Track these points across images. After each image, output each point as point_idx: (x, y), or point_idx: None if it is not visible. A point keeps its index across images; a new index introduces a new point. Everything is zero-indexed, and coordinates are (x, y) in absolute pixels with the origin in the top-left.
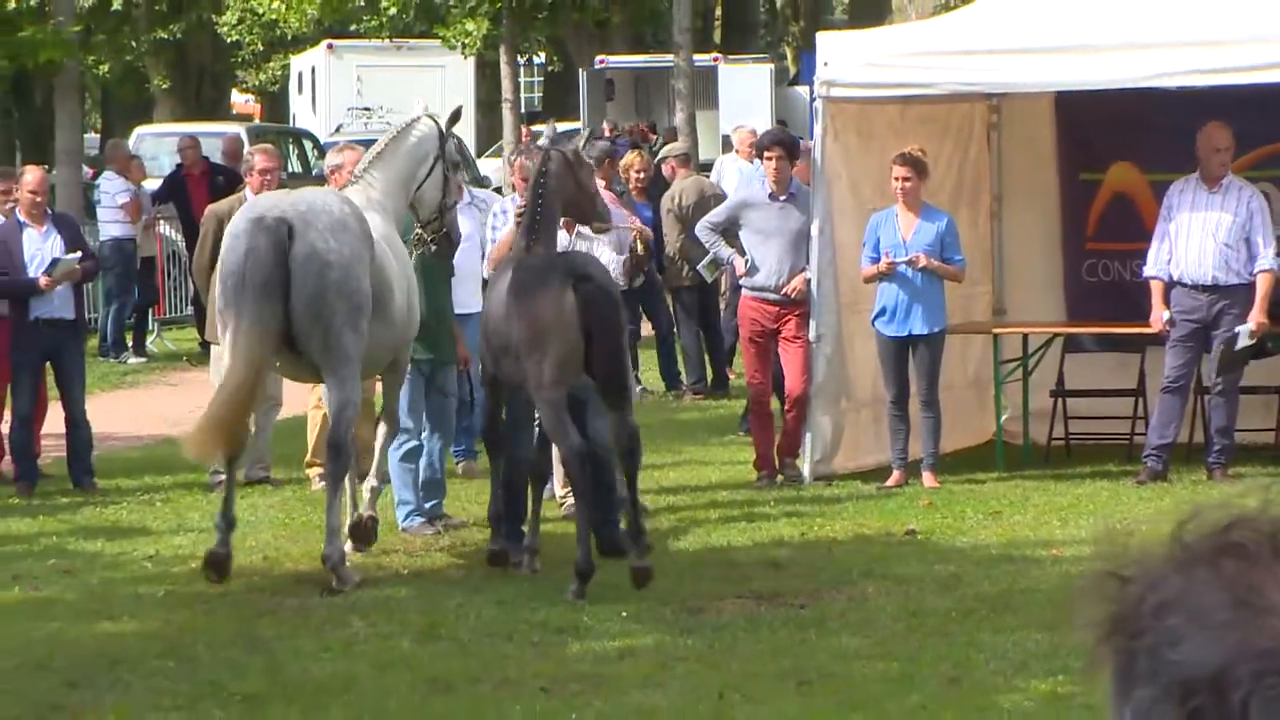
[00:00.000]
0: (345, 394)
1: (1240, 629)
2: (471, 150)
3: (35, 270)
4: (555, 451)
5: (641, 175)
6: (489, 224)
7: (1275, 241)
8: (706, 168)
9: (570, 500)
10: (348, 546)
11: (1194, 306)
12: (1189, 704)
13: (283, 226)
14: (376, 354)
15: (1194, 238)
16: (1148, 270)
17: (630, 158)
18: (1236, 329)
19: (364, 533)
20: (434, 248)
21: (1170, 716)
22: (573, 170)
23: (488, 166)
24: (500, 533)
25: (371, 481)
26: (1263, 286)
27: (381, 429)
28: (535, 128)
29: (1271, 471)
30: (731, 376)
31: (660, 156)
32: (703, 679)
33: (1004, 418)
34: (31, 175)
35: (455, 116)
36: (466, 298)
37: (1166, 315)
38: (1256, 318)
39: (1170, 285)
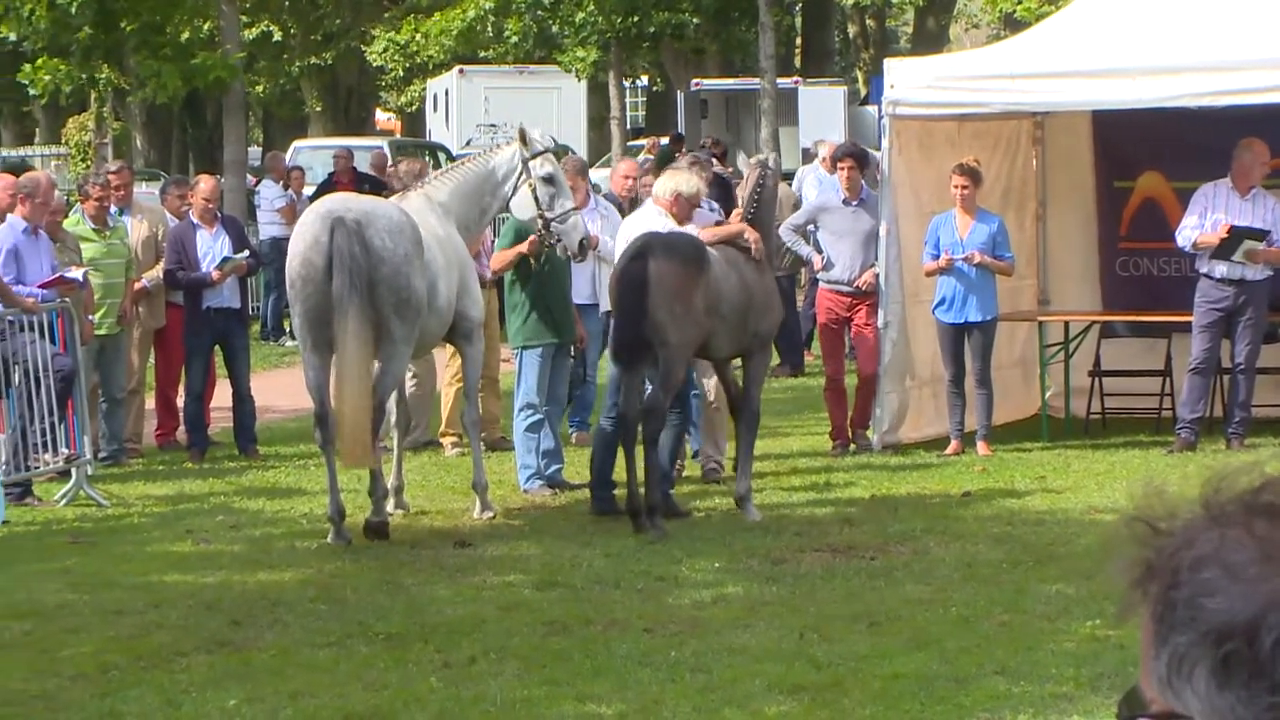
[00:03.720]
0: (386, 369)
1: (1271, 581)
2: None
3: (207, 266)
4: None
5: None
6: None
7: None
8: (788, 177)
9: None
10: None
11: (1220, 298)
12: (1223, 648)
13: (359, 227)
14: (424, 339)
15: None
16: (1185, 236)
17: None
18: (1270, 232)
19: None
20: (553, 250)
21: (1205, 658)
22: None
23: (597, 176)
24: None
25: (392, 481)
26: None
27: (457, 397)
28: (635, 142)
29: None
30: (810, 359)
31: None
32: (785, 621)
33: (1048, 394)
34: (205, 184)
35: (522, 137)
36: (582, 288)
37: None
38: (1264, 250)
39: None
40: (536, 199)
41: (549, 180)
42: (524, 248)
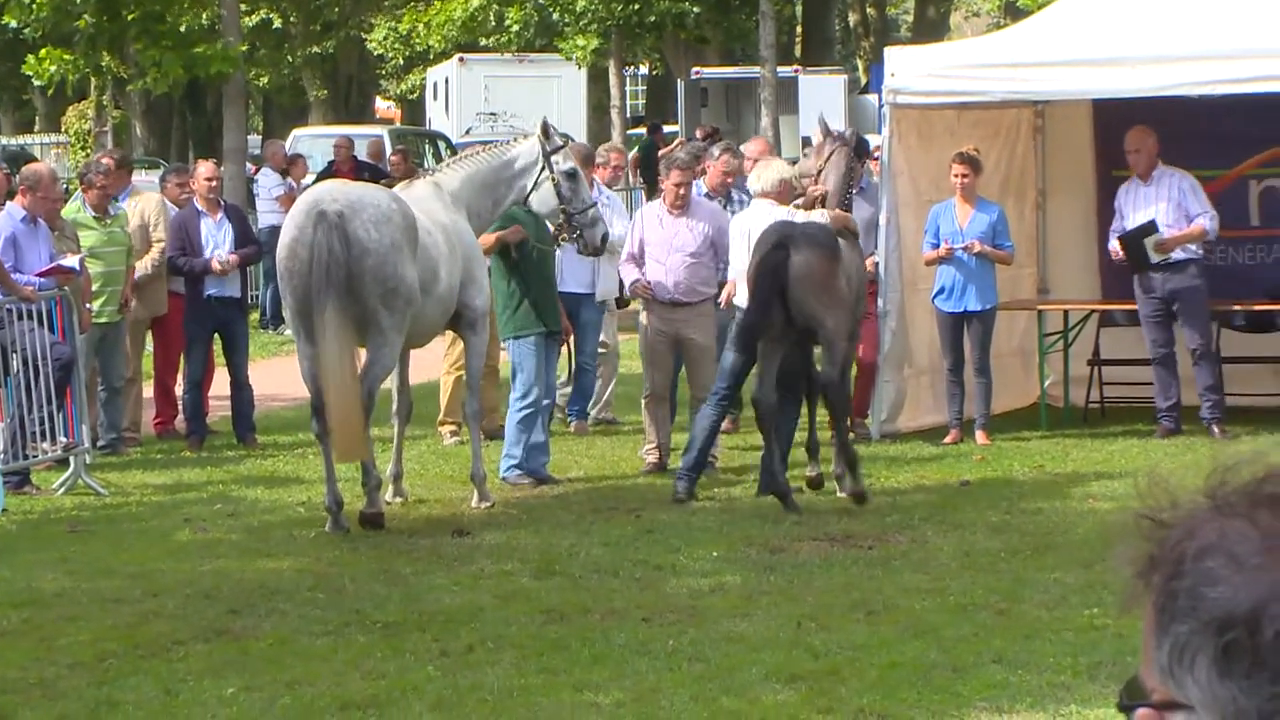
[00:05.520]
0: (375, 358)
1: (1273, 572)
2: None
3: (209, 253)
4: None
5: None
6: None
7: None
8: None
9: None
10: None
11: (1152, 285)
12: (1224, 637)
13: (340, 219)
14: (423, 327)
15: None
16: (1110, 246)
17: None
18: (1154, 221)
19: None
20: (575, 245)
21: (1207, 648)
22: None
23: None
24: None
25: (391, 468)
26: (1188, 229)
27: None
28: (635, 130)
29: None
30: None
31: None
32: (783, 610)
33: (1047, 383)
34: (204, 166)
35: (545, 131)
36: (583, 278)
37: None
38: (1172, 233)
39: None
40: (560, 193)
41: (571, 175)
42: (508, 235)
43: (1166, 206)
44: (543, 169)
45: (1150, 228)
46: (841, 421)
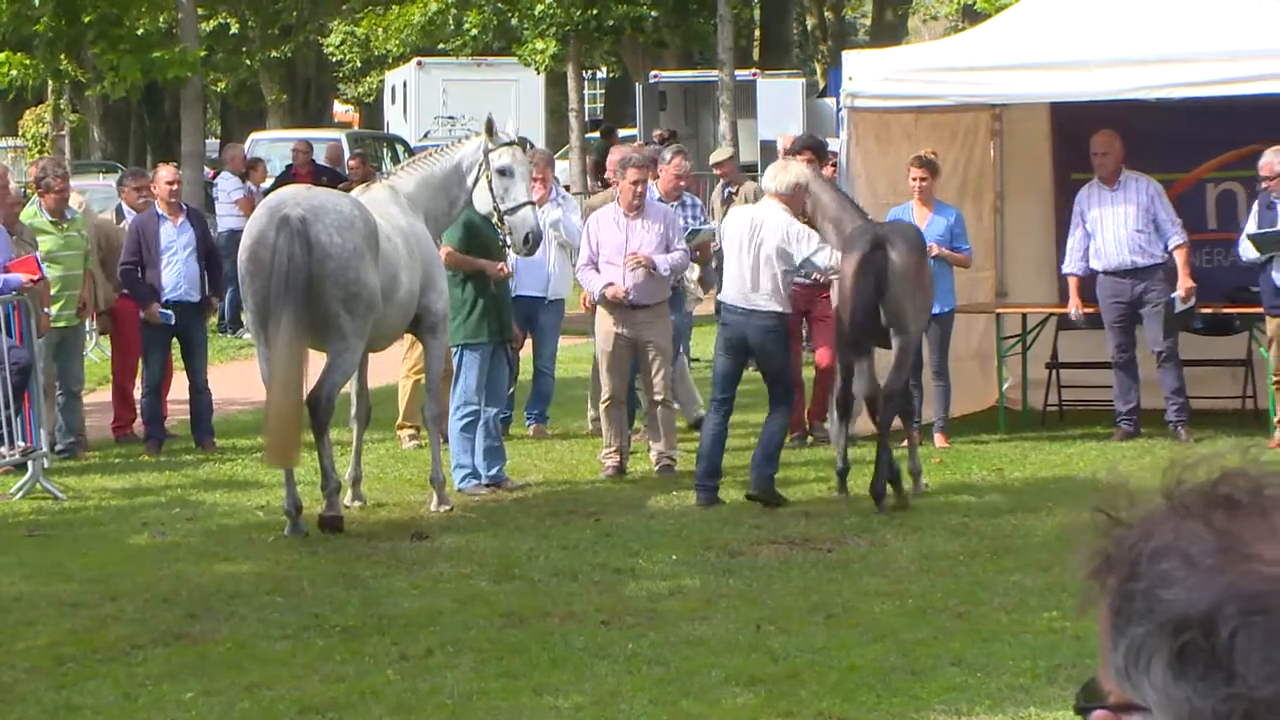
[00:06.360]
0: (335, 364)
1: (1228, 573)
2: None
3: (168, 259)
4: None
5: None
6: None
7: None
8: (748, 169)
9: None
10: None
11: (1119, 290)
12: (1180, 639)
13: (303, 224)
14: (384, 331)
15: (1108, 231)
16: (1065, 268)
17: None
18: (1172, 295)
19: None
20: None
21: (1162, 650)
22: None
23: (556, 168)
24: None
25: (350, 471)
26: (1181, 258)
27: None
28: (591, 135)
29: (1241, 433)
30: None
31: (713, 161)
32: (742, 613)
33: (1005, 386)
34: (165, 170)
35: (489, 128)
36: (539, 283)
37: (1077, 310)
38: (1184, 284)
39: (1085, 278)
40: (492, 191)
41: (503, 172)
42: (491, 270)
43: (1135, 211)
44: (482, 167)
45: (1171, 305)
46: (886, 435)
